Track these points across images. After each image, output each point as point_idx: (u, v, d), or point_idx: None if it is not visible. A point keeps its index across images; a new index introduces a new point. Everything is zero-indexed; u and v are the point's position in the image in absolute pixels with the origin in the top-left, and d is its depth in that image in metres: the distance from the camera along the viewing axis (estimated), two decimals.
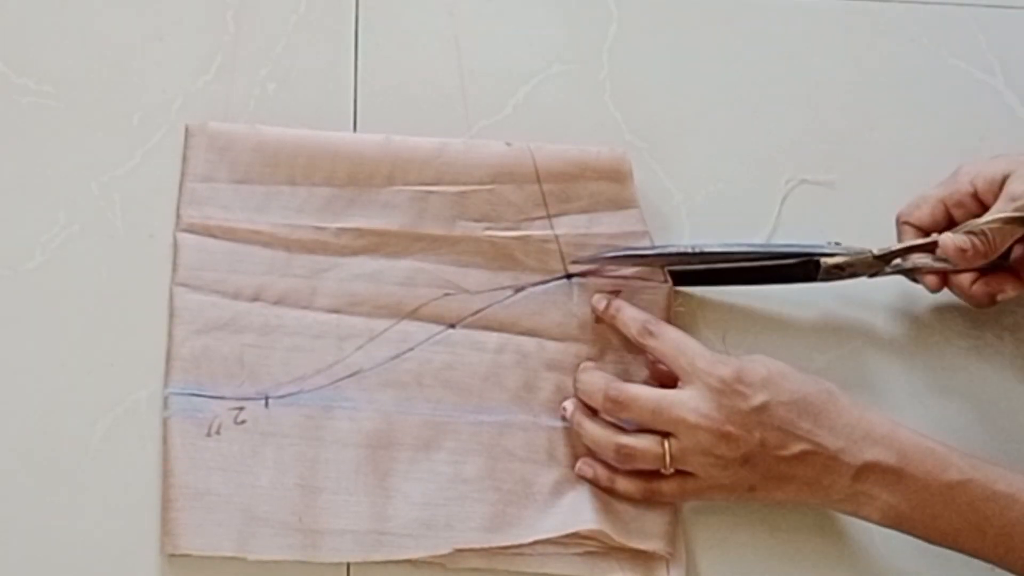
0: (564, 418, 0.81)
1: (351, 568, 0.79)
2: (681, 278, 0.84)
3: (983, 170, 0.81)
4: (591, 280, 0.83)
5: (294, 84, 0.88)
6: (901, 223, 0.84)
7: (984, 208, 0.81)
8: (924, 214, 0.83)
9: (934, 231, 0.82)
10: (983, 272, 0.82)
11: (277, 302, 0.82)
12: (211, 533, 0.77)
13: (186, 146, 0.85)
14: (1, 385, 0.80)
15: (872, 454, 0.76)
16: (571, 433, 0.81)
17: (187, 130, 0.85)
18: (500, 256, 0.84)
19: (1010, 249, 0.82)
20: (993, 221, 0.80)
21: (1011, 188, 0.80)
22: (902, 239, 0.83)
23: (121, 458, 0.79)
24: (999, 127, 0.91)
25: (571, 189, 0.85)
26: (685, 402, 0.77)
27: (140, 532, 0.78)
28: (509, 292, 0.84)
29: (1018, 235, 0.80)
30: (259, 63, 0.88)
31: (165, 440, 0.79)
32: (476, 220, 0.84)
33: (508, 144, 0.85)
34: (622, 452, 0.78)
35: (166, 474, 0.78)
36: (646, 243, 0.84)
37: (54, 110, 0.86)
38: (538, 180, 0.85)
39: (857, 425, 0.77)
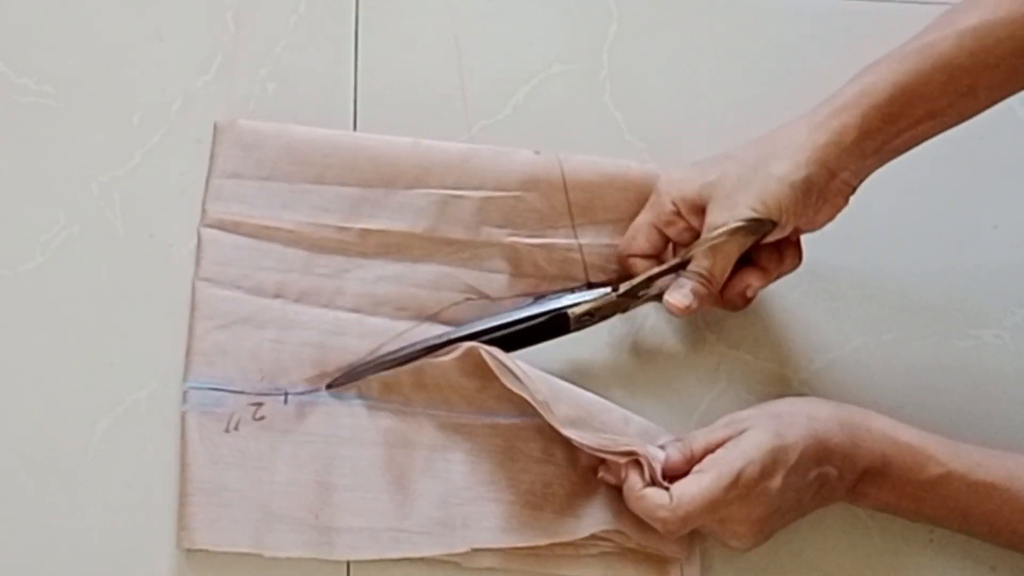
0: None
1: (351, 567, 0.79)
2: None
3: (680, 191, 0.80)
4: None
5: (294, 84, 0.88)
6: (625, 258, 0.83)
7: (693, 226, 0.80)
8: (642, 243, 0.82)
9: (658, 254, 0.82)
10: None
11: (298, 299, 0.82)
12: (227, 529, 0.77)
13: (214, 142, 0.85)
14: (1, 385, 0.80)
15: (862, 464, 0.77)
16: None
17: (216, 126, 0.85)
18: (523, 263, 0.84)
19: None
20: (703, 248, 0.78)
21: (710, 219, 0.78)
22: (634, 273, 0.82)
23: (121, 458, 0.80)
24: (999, 127, 0.90)
25: (597, 199, 0.84)
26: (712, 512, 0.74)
27: (140, 531, 0.78)
28: (530, 299, 0.84)
29: (735, 254, 0.79)
30: (259, 63, 0.88)
31: (183, 435, 0.79)
32: (500, 226, 0.84)
33: (537, 152, 0.85)
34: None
35: (183, 468, 0.78)
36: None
37: (54, 110, 0.86)
38: (565, 189, 0.84)
39: (846, 442, 0.77)
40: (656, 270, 0.80)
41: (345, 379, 0.81)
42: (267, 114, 0.86)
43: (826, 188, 0.77)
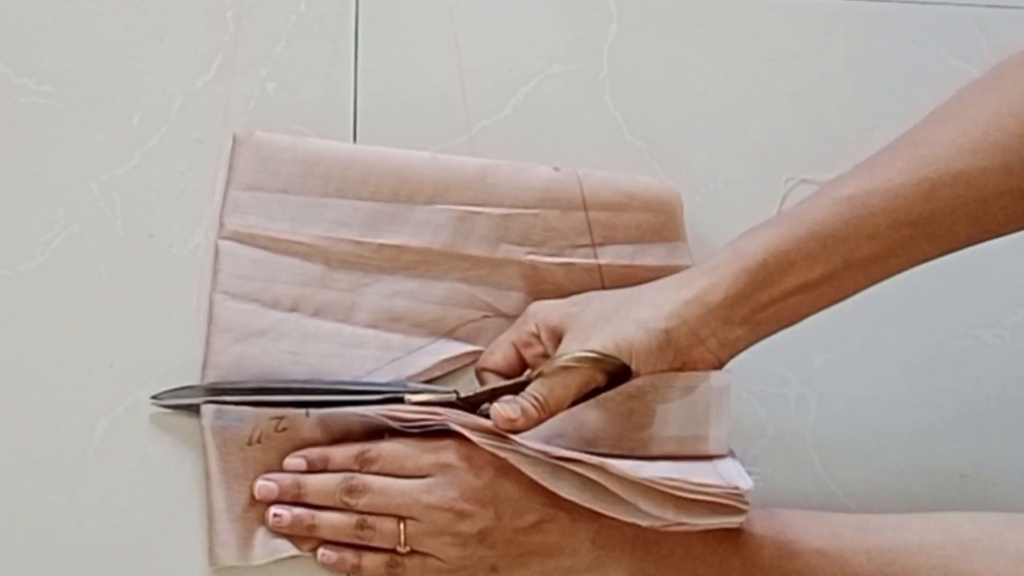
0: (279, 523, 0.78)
1: None
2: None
3: (546, 316, 0.79)
4: None
5: (294, 84, 0.88)
6: (479, 371, 0.82)
7: (549, 352, 0.79)
8: (498, 359, 0.81)
9: (513, 374, 0.80)
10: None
11: (315, 314, 0.82)
12: (261, 543, 0.78)
13: (232, 154, 0.84)
14: (1, 385, 0.80)
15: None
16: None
17: (234, 138, 0.85)
18: (541, 281, 0.84)
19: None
20: (539, 377, 0.76)
21: (561, 348, 0.76)
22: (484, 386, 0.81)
23: (121, 458, 0.80)
24: None
25: (617, 218, 0.84)
26: (417, 486, 0.76)
27: (141, 532, 0.78)
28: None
29: (575, 387, 0.75)
30: (259, 63, 0.88)
31: (205, 451, 0.79)
32: (519, 244, 0.84)
33: (556, 169, 0.85)
34: (363, 525, 0.77)
35: (208, 485, 0.78)
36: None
37: (54, 110, 0.86)
38: (584, 207, 0.84)
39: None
40: (499, 384, 0.79)
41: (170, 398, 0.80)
42: (267, 114, 0.86)
43: (688, 352, 0.75)
